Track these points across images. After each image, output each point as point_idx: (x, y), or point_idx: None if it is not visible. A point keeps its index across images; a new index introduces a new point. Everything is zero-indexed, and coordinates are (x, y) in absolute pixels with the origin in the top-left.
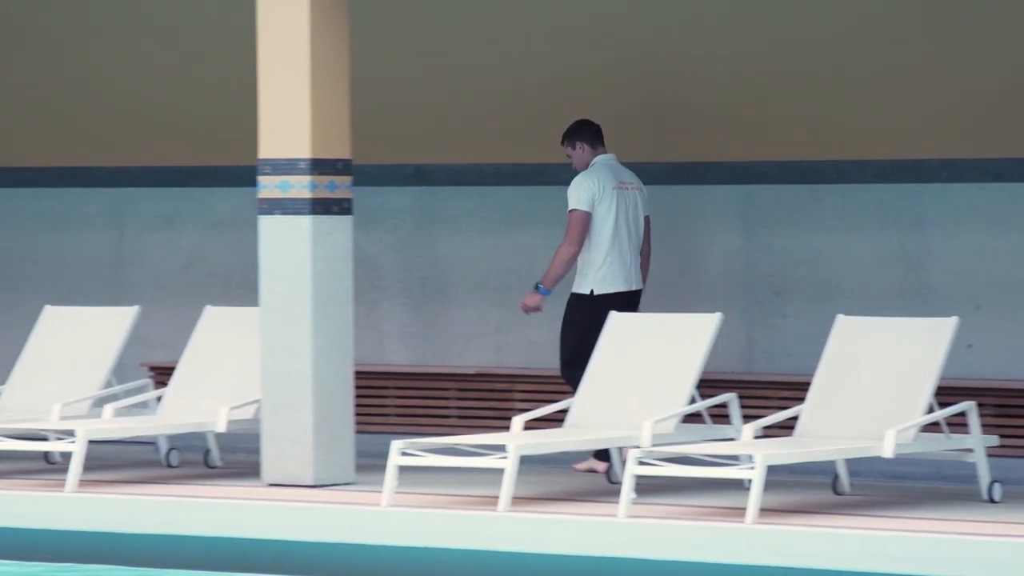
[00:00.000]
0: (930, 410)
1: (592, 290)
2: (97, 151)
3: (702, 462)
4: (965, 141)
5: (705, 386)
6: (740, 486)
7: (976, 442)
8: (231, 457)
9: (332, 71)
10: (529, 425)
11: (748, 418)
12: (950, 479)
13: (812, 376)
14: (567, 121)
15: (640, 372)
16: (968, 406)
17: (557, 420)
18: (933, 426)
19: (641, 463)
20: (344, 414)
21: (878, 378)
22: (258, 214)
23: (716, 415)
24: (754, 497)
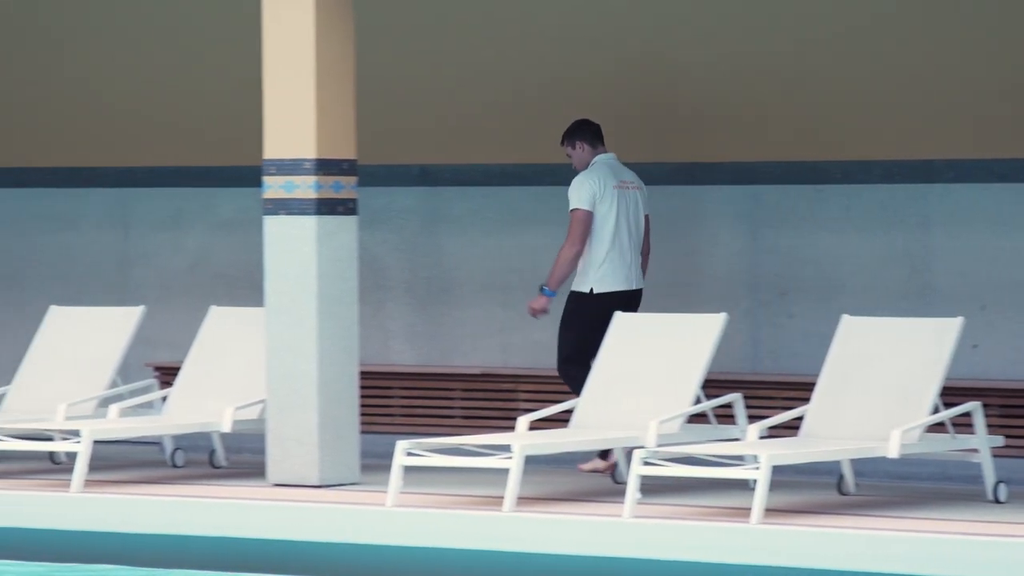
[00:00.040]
0: (935, 410)
1: (592, 288)
2: (102, 151)
3: (707, 462)
4: (970, 141)
5: (710, 386)
6: (745, 486)
7: (981, 442)
8: (236, 457)
9: (337, 71)
10: (534, 425)
11: (753, 418)
12: (955, 479)
13: (817, 376)
14: (572, 121)
15: (645, 372)
16: (973, 406)
17: (562, 420)
18: (938, 426)
19: (646, 463)
20: (349, 414)
21: (883, 378)
22: (263, 214)
23: (721, 415)
24: (759, 497)
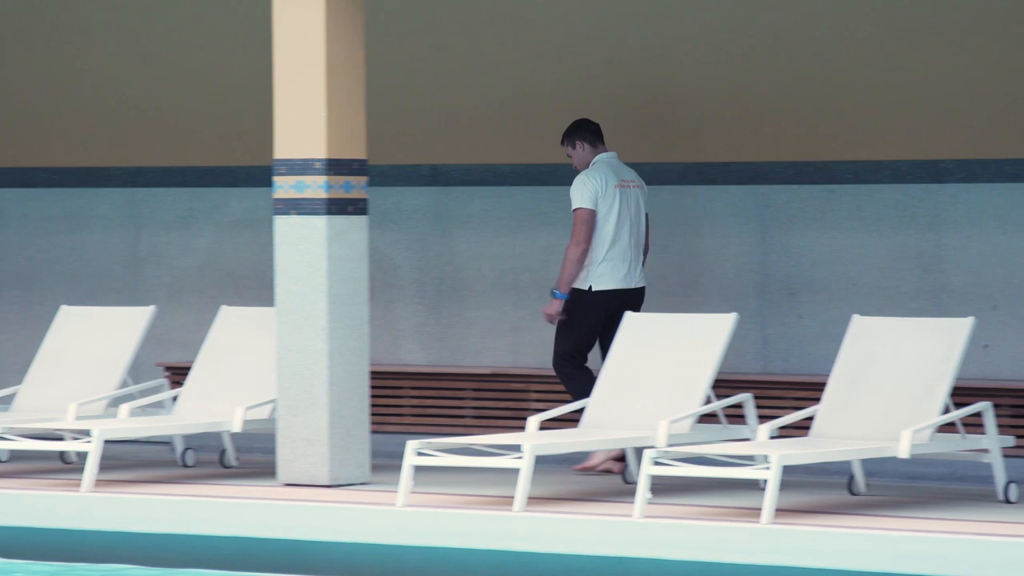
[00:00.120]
0: (946, 410)
1: (591, 286)
2: (112, 151)
3: (718, 462)
4: (981, 141)
5: (721, 386)
6: (755, 486)
7: (992, 442)
8: (247, 457)
9: (348, 71)
10: (544, 425)
11: (764, 418)
12: (966, 479)
13: (828, 376)
14: (571, 121)
15: (655, 372)
16: (984, 406)
17: (572, 420)
18: (949, 427)
19: (656, 463)
20: (360, 414)
21: (894, 378)
22: (273, 214)
23: (732, 415)
24: (769, 497)
